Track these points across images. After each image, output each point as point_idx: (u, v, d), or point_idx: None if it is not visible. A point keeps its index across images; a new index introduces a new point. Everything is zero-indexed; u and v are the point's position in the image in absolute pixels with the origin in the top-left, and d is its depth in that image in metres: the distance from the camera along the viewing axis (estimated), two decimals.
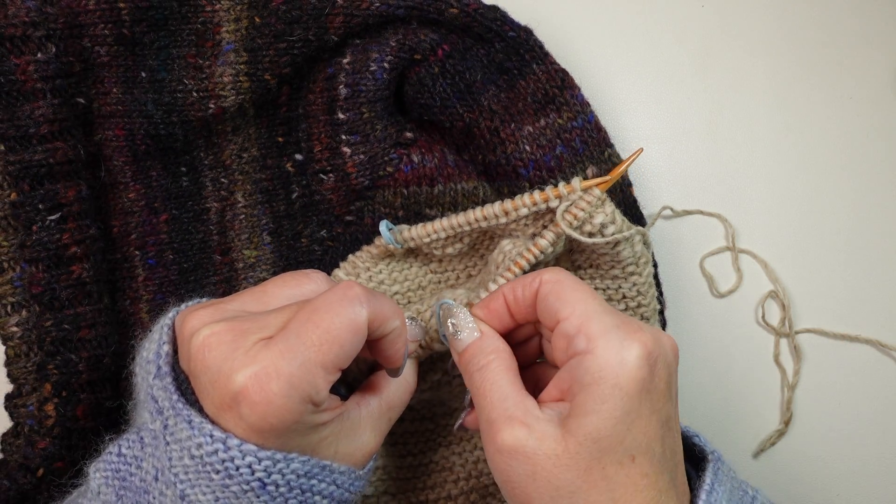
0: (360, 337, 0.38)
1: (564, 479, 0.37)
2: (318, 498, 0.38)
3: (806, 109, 0.61)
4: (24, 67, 0.52)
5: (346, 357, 0.37)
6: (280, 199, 0.59)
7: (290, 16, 0.54)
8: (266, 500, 0.37)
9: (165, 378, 0.38)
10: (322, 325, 0.36)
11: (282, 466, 0.36)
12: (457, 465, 0.53)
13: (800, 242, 0.60)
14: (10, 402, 0.54)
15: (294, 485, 0.37)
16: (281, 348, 0.36)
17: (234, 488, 0.36)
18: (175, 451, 0.37)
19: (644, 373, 0.37)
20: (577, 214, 0.46)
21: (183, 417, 0.36)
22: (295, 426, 0.36)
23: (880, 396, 0.58)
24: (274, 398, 0.35)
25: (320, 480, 0.38)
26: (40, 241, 0.53)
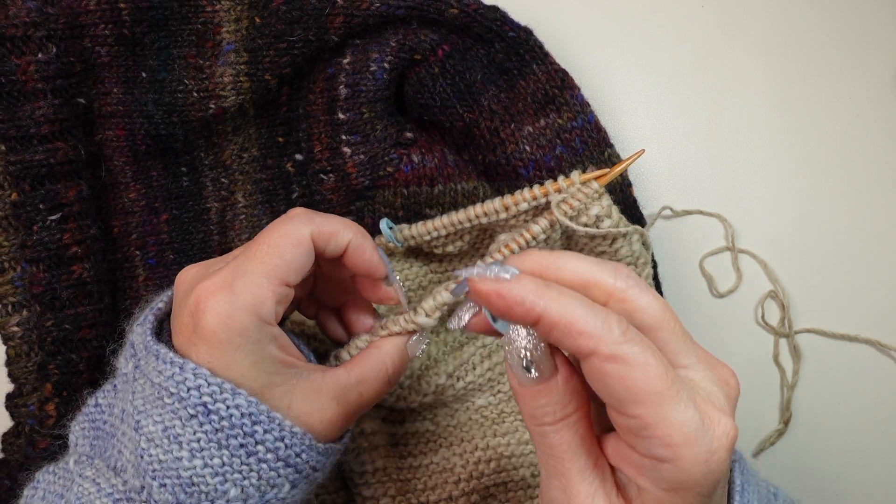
0: (303, 250, 0.40)
1: None
2: (262, 448, 0.38)
3: (806, 109, 0.61)
4: (24, 68, 0.53)
5: (289, 268, 0.39)
6: (280, 199, 0.59)
7: (290, 16, 0.54)
8: (208, 430, 0.37)
9: (146, 325, 0.41)
10: (265, 241, 0.39)
11: (227, 396, 0.37)
12: (458, 465, 0.53)
13: (799, 242, 0.60)
14: (10, 402, 0.54)
15: (237, 422, 0.37)
16: (231, 266, 0.39)
17: (181, 413, 0.37)
18: (139, 385, 0.39)
19: (727, 467, 0.32)
20: (573, 204, 0.45)
21: (152, 352, 0.39)
22: (240, 342, 0.37)
23: (879, 396, 0.58)
24: (217, 305, 0.37)
25: (266, 430, 0.38)
26: (41, 241, 0.54)
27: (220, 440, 0.37)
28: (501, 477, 0.53)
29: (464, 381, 0.52)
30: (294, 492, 0.39)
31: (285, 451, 0.38)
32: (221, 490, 0.37)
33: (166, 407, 0.37)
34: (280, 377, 0.39)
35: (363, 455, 0.50)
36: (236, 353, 0.38)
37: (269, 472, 0.38)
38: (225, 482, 0.37)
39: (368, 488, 0.50)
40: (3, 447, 0.54)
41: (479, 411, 0.54)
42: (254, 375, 0.38)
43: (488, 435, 0.53)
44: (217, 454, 0.37)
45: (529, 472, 0.53)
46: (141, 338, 0.40)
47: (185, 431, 0.37)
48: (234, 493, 0.37)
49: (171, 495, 0.37)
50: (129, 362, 0.40)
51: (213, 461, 0.37)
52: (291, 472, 0.39)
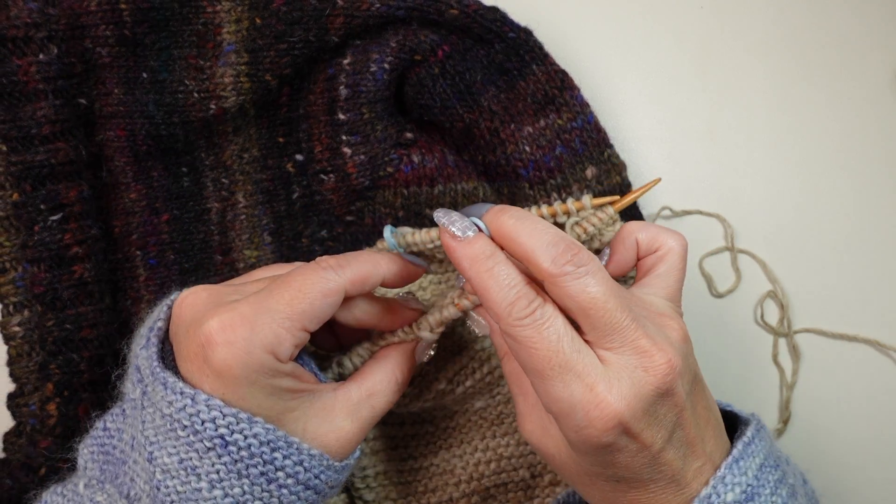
0: (331, 300, 0.39)
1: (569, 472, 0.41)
2: (282, 475, 0.38)
3: (806, 109, 0.61)
4: (26, 68, 0.53)
5: (314, 316, 0.39)
6: (281, 200, 0.59)
7: (290, 17, 0.54)
8: (227, 461, 0.37)
9: (151, 348, 0.40)
10: (294, 284, 0.39)
11: (244, 427, 0.37)
12: (458, 467, 0.53)
13: (799, 242, 0.60)
14: (12, 402, 0.54)
15: (256, 451, 0.37)
16: (251, 301, 0.38)
17: (197, 446, 0.37)
18: (149, 414, 0.38)
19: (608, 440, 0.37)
20: (588, 229, 0.45)
21: (159, 380, 0.38)
22: (256, 378, 0.37)
23: (879, 396, 0.58)
24: (236, 340, 0.36)
25: (285, 456, 0.38)
26: (42, 242, 0.54)
27: (239, 470, 0.37)
28: (501, 478, 0.53)
29: (463, 385, 0.52)
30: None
31: (305, 475, 0.38)
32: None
33: (180, 439, 0.37)
34: (295, 402, 0.39)
35: (364, 459, 0.50)
36: (252, 387, 0.37)
37: (289, 497, 0.38)
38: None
39: (370, 492, 0.50)
40: (5, 447, 0.54)
41: (477, 413, 0.54)
42: (269, 405, 0.38)
43: (487, 436, 0.53)
44: (237, 483, 0.37)
45: (529, 472, 0.53)
46: (147, 363, 0.39)
47: (202, 464, 0.37)
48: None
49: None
50: (137, 388, 0.40)
51: (234, 490, 0.37)
52: (311, 494, 0.39)
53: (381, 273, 0.42)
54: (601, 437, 0.36)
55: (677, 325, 0.40)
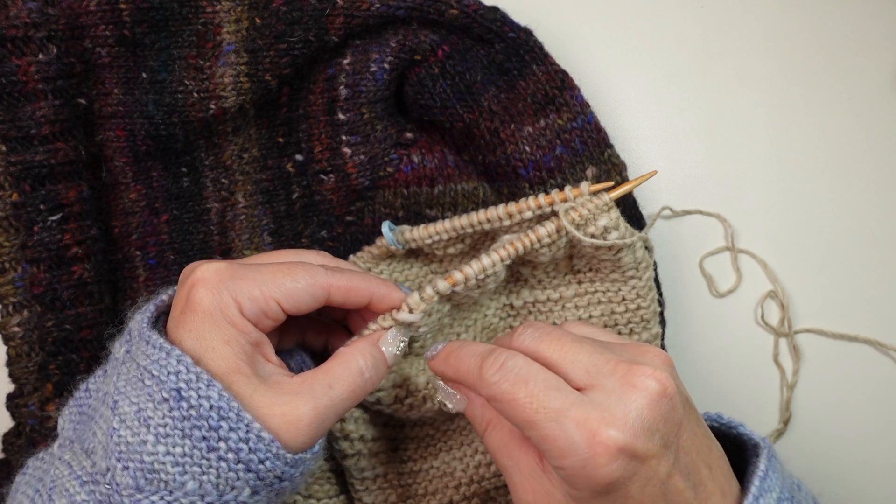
0: (314, 291, 0.42)
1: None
2: (224, 446, 0.37)
3: (806, 109, 0.61)
4: (25, 68, 0.53)
5: (290, 295, 0.41)
6: (280, 200, 0.59)
7: (290, 17, 0.54)
8: (176, 416, 0.37)
9: (146, 314, 0.42)
10: (286, 263, 0.42)
11: (201, 386, 0.38)
12: (458, 470, 0.53)
13: (799, 242, 0.60)
14: (11, 402, 0.54)
15: (204, 413, 0.37)
16: (243, 261, 0.42)
17: (155, 395, 0.38)
18: (126, 368, 0.40)
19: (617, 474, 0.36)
20: (582, 213, 0.46)
21: (144, 338, 0.40)
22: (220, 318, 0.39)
23: (879, 396, 0.58)
24: (214, 282, 0.40)
25: (231, 428, 0.37)
26: (42, 242, 0.54)
27: (184, 429, 0.37)
28: (501, 480, 0.53)
29: None
30: (257, 498, 0.39)
31: (247, 455, 0.38)
32: (180, 481, 0.37)
33: (144, 389, 0.38)
34: (249, 368, 0.39)
35: (363, 461, 0.49)
36: (213, 327, 0.39)
37: (227, 472, 0.38)
38: (184, 473, 0.37)
39: (369, 495, 0.50)
40: (4, 447, 0.54)
41: None
42: (223, 354, 0.39)
43: None
44: (180, 443, 0.37)
45: None
46: (137, 325, 0.41)
47: (155, 414, 0.38)
48: (192, 486, 0.37)
49: (133, 479, 0.37)
50: (122, 347, 0.42)
51: (176, 450, 0.37)
52: (252, 477, 0.38)
53: (369, 293, 0.45)
54: (609, 468, 0.36)
55: (659, 352, 0.41)
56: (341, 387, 0.41)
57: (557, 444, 0.36)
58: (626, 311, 0.51)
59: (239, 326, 0.40)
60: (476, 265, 0.46)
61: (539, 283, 0.53)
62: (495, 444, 0.42)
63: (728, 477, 0.40)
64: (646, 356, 0.40)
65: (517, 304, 0.53)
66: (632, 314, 0.51)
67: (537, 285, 0.53)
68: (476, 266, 0.46)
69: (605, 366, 0.38)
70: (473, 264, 0.46)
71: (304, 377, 0.41)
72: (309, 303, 0.42)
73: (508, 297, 0.53)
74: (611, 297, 0.51)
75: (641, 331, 0.51)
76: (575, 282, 0.52)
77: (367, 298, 0.45)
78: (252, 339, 0.40)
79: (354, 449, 0.49)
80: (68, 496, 0.39)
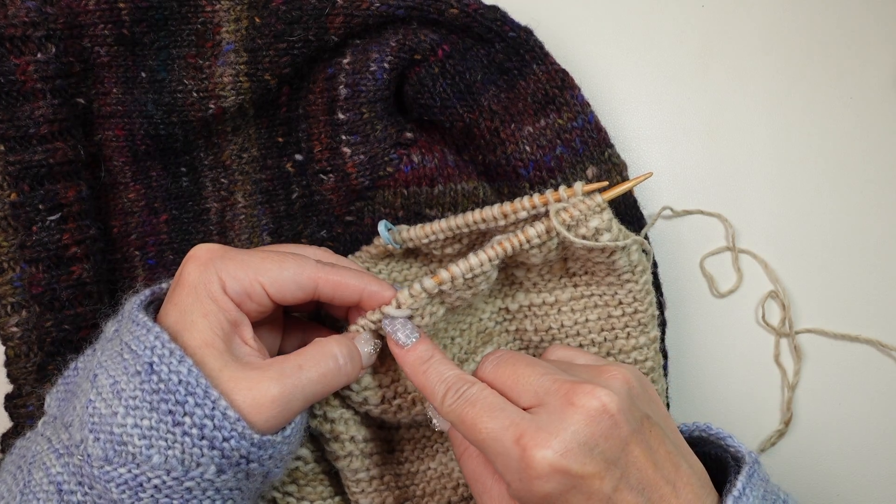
0: (300, 281, 0.43)
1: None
2: (189, 421, 0.38)
3: (806, 109, 0.61)
4: (24, 68, 0.52)
5: (275, 280, 0.42)
6: (280, 200, 0.59)
7: (290, 16, 0.54)
8: (146, 389, 0.38)
9: (140, 297, 0.43)
10: (278, 253, 0.43)
11: (172, 361, 0.38)
12: (455, 471, 0.52)
13: (800, 242, 0.60)
14: (10, 403, 0.54)
15: (172, 387, 0.38)
16: (237, 248, 0.43)
17: (129, 368, 0.39)
18: (111, 345, 0.41)
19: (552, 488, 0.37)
20: (573, 213, 0.45)
21: (132, 318, 0.40)
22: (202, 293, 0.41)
23: (880, 396, 0.58)
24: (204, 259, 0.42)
25: (196, 404, 0.38)
26: (40, 242, 0.54)
27: (153, 402, 0.38)
28: None
29: None
30: (224, 477, 0.39)
31: (211, 431, 0.38)
32: (146, 454, 0.37)
33: (122, 363, 0.39)
34: (223, 344, 0.40)
35: (357, 462, 0.49)
36: (195, 300, 0.40)
37: (192, 448, 0.38)
38: (150, 447, 0.38)
39: (366, 497, 0.50)
40: (3, 447, 0.54)
41: None
42: (200, 327, 0.40)
43: None
44: (147, 416, 0.38)
45: None
46: (129, 305, 0.43)
47: (126, 386, 0.38)
48: (157, 460, 0.38)
49: (102, 451, 0.38)
50: (112, 326, 0.43)
51: (143, 422, 0.38)
52: (217, 454, 0.38)
53: (359, 290, 0.45)
54: (542, 483, 0.37)
55: (620, 373, 0.41)
56: (312, 369, 0.42)
57: (500, 460, 0.38)
58: (622, 315, 0.51)
59: (219, 303, 0.41)
60: (463, 264, 0.46)
61: (534, 286, 0.52)
62: (468, 470, 0.43)
63: (699, 494, 0.40)
64: (602, 377, 0.41)
65: (513, 308, 0.53)
66: (629, 318, 0.51)
67: (532, 288, 0.52)
68: (463, 265, 0.46)
69: (551, 386, 0.40)
70: (461, 263, 0.46)
71: (276, 359, 0.42)
72: (294, 292, 0.43)
73: (504, 300, 0.53)
74: (607, 300, 0.51)
75: (639, 334, 0.51)
76: (570, 285, 0.52)
77: (358, 295, 0.45)
78: (231, 317, 0.41)
79: (346, 450, 0.49)
80: (45, 469, 0.39)
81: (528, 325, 0.53)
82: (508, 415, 0.39)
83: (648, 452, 0.39)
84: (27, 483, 0.40)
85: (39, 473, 0.39)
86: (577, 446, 0.37)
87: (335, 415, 0.48)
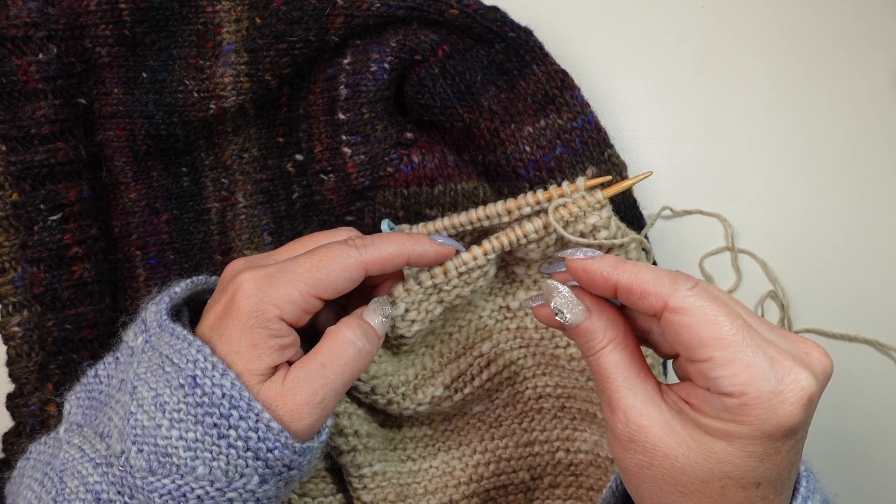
0: (348, 275, 0.42)
1: (680, 480, 0.37)
2: (234, 434, 0.38)
3: (806, 109, 0.61)
4: (25, 68, 0.53)
5: (329, 285, 0.41)
6: (281, 200, 0.59)
7: (290, 16, 0.54)
8: (190, 402, 0.38)
9: (161, 304, 0.43)
10: (317, 255, 0.42)
11: (216, 375, 0.38)
12: (457, 469, 0.53)
13: (799, 242, 0.60)
14: (11, 402, 0.54)
15: (216, 401, 0.38)
16: (281, 264, 0.42)
17: (172, 381, 0.39)
18: (147, 356, 0.40)
19: (797, 419, 0.35)
20: (572, 210, 0.45)
21: (167, 330, 0.40)
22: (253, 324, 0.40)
23: (880, 396, 0.58)
24: (256, 291, 0.40)
25: (241, 417, 0.38)
26: (42, 242, 0.54)
27: (197, 415, 0.38)
28: (501, 480, 0.53)
29: (462, 392, 0.51)
30: (266, 487, 0.39)
31: (256, 443, 0.38)
32: (191, 465, 0.38)
33: (164, 375, 0.39)
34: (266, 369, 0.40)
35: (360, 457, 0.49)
36: (244, 332, 0.40)
37: (237, 460, 0.38)
38: (195, 458, 0.38)
39: (368, 493, 0.50)
40: (4, 447, 0.54)
41: (476, 416, 0.54)
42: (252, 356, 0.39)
43: (486, 438, 0.53)
44: (192, 428, 0.38)
45: (529, 474, 0.53)
46: (154, 315, 0.42)
47: (170, 399, 0.38)
48: (202, 471, 0.38)
49: (146, 462, 0.38)
50: (139, 337, 0.42)
51: (188, 435, 0.38)
52: (261, 465, 0.39)
53: (404, 256, 0.44)
54: (793, 409, 0.34)
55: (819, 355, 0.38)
56: (334, 364, 0.42)
57: (748, 370, 0.34)
58: None
59: (276, 332, 0.40)
60: (457, 259, 0.46)
61: (535, 283, 0.52)
62: (613, 363, 0.39)
63: None
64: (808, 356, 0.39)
65: (513, 306, 0.53)
66: None
67: (533, 286, 0.52)
68: (456, 260, 0.46)
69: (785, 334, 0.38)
70: (454, 258, 0.46)
71: (300, 364, 0.42)
72: (347, 286, 0.43)
73: (504, 298, 0.53)
74: None
75: None
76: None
77: (405, 261, 0.45)
78: (286, 342, 0.41)
79: (349, 445, 0.49)
80: (80, 478, 0.39)
81: (528, 323, 0.53)
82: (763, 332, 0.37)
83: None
84: (60, 491, 0.40)
85: (74, 482, 0.39)
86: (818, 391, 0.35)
87: (339, 409, 0.48)
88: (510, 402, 0.53)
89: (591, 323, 0.40)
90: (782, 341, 0.37)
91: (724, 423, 0.35)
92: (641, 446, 0.37)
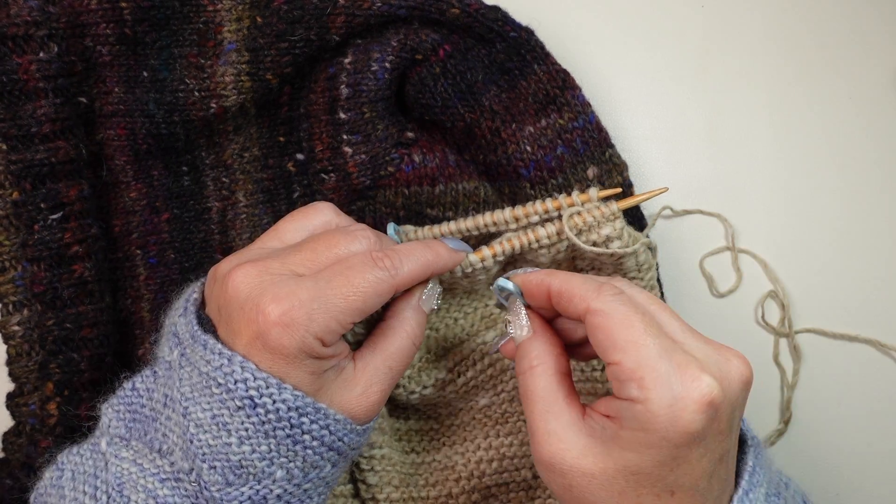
0: (382, 298, 0.42)
1: (599, 496, 0.38)
2: (308, 437, 0.39)
3: (806, 109, 0.61)
4: (26, 67, 0.53)
5: (364, 312, 0.41)
6: (281, 199, 0.59)
7: (291, 15, 0.54)
8: (255, 422, 0.39)
9: (189, 316, 0.42)
10: (353, 280, 0.40)
11: (273, 391, 0.38)
12: (459, 464, 0.53)
13: (799, 242, 0.60)
14: (11, 402, 0.54)
15: (283, 415, 0.39)
16: (310, 286, 0.39)
17: (229, 404, 0.39)
18: (186, 373, 0.40)
19: (698, 426, 0.35)
20: (586, 219, 0.46)
21: (199, 342, 0.40)
22: (303, 359, 0.39)
23: (880, 396, 0.59)
24: (292, 325, 0.38)
25: (312, 421, 0.39)
26: (42, 240, 0.54)
27: (266, 430, 0.39)
28: (503, 477, 0.53)
29: (465, 376, 0.52)
30: (334, 470, 0.42)
31: (330, 438, 0.40)
32: (269, 472, 0.39)
33: (214, 396, 0.39)
34: (325, 378, 0.41)
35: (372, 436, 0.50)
36: (299, 367, 0.39)
37: (313, 457, 0.40)
38: (272, 465, 0.39)
39: (374, 475, 0.51)
40: (4, 446, 0.54)
41: (482, 411, 0.54)
42: (309, 382, 0.40)
43: (491, 435, 0.53)
44: (264, 442, 0.39)
45: (531, 473, 0.53)
46: (186, 328, 0.42)
47: (233, 420, 0.39)
48: (281, 474, 0.39)
49: (221, 476, 0.39)
50: (175, 350, 0.42)
51: (261, 447, 0.39)
52: (334, 454, 0.41)
53: (429, 272, 0.44)
54: (693, 416, 0.35)
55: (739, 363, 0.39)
56: (399, 364, 0.44)
57: (651, 375, 0.36)
58: None
59: (327, 355, 0.40)
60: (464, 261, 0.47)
61: None
62: (539, 386, 0.41)
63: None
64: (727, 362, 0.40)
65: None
66: None
67: None
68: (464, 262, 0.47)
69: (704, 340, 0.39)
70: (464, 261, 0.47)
71: (366, 361, 0.43)
72: (378, 307, 0.43)
73: None
74: None
75: None
76: None
77: (429, 277, 0.45)
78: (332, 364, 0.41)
79: None
80: (147, 492, 0.40)
81: None
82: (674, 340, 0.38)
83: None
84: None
85: (140, 496, 0.40)
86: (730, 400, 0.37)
87: None
88: (516, 396, 0.53)
89: (528, 343, 0.43)
90: (700, 349, 0.38)
91: (634, 432, 0.36)
92: (559, 469, 0.39)
